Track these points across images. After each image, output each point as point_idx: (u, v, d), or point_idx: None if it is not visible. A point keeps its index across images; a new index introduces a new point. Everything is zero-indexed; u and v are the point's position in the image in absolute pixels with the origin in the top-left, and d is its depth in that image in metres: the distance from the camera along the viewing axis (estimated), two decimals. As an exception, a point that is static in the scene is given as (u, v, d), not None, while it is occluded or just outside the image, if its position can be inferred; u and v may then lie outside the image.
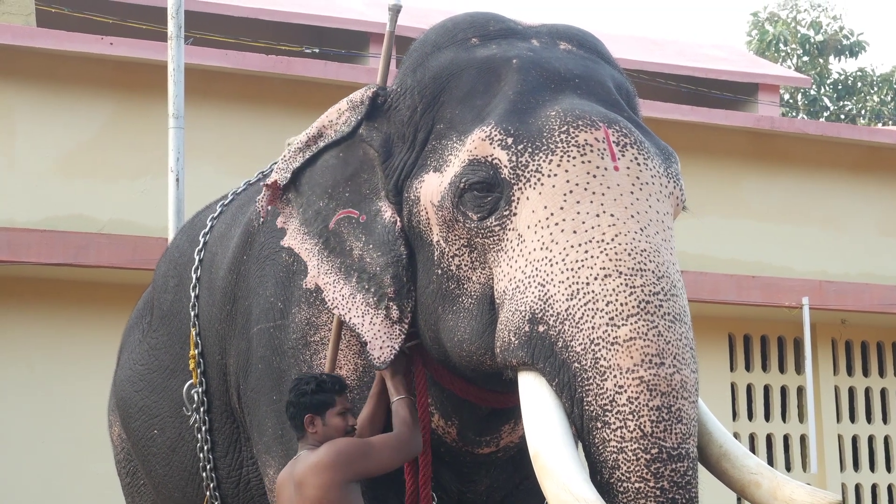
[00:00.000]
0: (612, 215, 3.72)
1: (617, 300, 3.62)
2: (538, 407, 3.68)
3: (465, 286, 3.93)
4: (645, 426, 3.54)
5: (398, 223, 4.12)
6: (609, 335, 3.59)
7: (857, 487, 14.41)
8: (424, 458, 4.26)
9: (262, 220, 4.46)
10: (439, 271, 3.99)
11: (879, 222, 14.63)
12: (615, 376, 3.57)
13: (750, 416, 14.09)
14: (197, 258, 5.13)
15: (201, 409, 5.04)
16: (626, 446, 3.54)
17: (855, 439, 14.53)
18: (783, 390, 14.33)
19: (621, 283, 3.63)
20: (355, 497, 4.14)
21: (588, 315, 3.62)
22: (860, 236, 14.47)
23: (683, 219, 4.15)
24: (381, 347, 4.08)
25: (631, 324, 3.59)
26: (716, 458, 3.91)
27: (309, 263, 4.22)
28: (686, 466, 3.56)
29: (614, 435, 3.55)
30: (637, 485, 3.53)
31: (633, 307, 3.61)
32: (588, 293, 3.64)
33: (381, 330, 4.09)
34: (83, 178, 11.47)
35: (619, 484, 3.54)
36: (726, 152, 14.00)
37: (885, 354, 14.82)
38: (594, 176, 3.76)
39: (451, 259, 3.96)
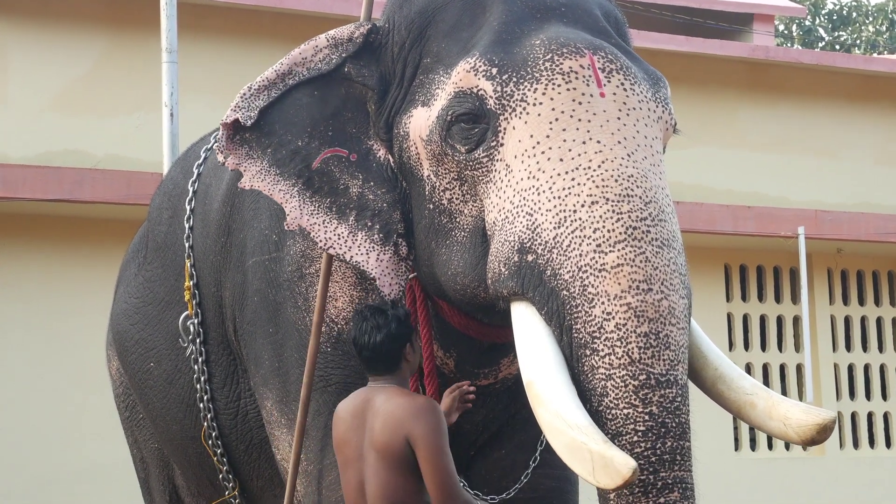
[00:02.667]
0: (598, 142, 3.70)
1: (604, 227, 3.61)
2: (530, 336, 3.68)
3: (457, 219, 3.93)
4: (633, 353, 3.53)
5: (391, 160, 4.12)
6: (596, 262, 3.58)
7: (853, 416, 14.49)
8: (431, 389, 4.28)
9: (221, 164, 4.34)
10: (431, 206, 3.99)
11: (875, 151, 14.62)
12: (603, 303, 3.56)
13: (746, 347, 14.13)
14: (191, 190, 5.09)
15: (197, 341, 5.04)
16: (615, 373, 3.54)
17: (851, 368, 14.60)
18: (779, 320, 14.37)
19: (608, 210, 3.62)
20: None
21: (575, 243, 3.62)
22: (856, 166, 14.46)
23: (679, 149, 4.13)
24: (390, 284, 4.08)
25: (618, 250, 3.58)
26: (711, 380, 3.90)
27: (286, 206, 4.13)
28: (675, 393, 3.55)
29: (602, 362, 3.55)
30: (626, 411, 3.53)
31: (620, 233, 3.60)
32: (575, 221, 3.63)
33: (388, 266, 4.08)
34: (77, 113, 11.44)
35: (608, 411, 3.54)
36: (721, 83, 13.96)
37: (880, 283, 14.85)
38: (580, 103, 3.75)
39: (442, 193, 3.95)
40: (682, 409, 3.57)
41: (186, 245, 5.04)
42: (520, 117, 3.78)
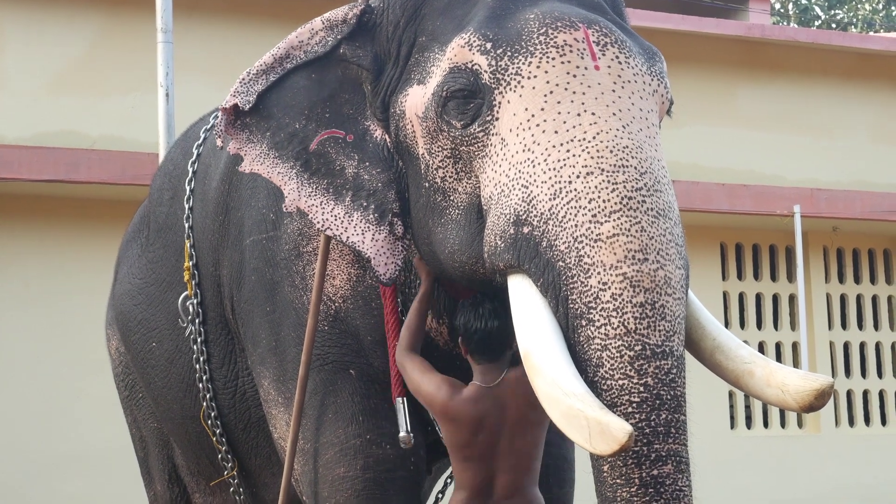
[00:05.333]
0: (593, 114, 3.70)
1: (599, 197, 3.60)
2: (527, 307, 3.68)
3: (452, 197, 3.93)
4: (628, 323, 3.53)
5: (388, 140, 4.13)
6: (592, 232, 3.58)
7: (849, 394, 14.51)
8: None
9: (220, 147, 4.34)
10: (427, 185, 3.99)
11: (871, 130, 14.61)
12: (599, 273, 3.56)
13: (742, 325, 14.15)
14: (190, 170, 5.11)
15: (196, 321, 5.05)
16: (610, 343, 3.53)
17: (846, 346, 14.62)
18: (775, 298, 14.39)
19: (603, 180, 3.62)
20: None
21: (571, 213, 3.62)
22: (852, 144, 14.46)
23: (675, 128, 4.13)
24: (385, 264, 4.08)
25: (614, 220, 3.58)
26: (709, 351, 3.89)
27: (285, 188, 4.15)
28: (671, 364, 3.55)
29: (598, 332, 3.55)
30: (621, 381, 3.52)
31: (615, 204, 3.59)
32: (571, 191, 3.63)
33: (384, 246, 4.09)
34: (73, 94, 11.44)
35: (604, 381, 3.54)
36: (718, 61, 13.95)
37: (875, 262, 14.86)
38: (574, 76, 3.75)
39: (435, 171, 3.95)
40: (677, 382, 3.57)
41: (186, 226, 5.05)
42: (514, 91, 3.78)
